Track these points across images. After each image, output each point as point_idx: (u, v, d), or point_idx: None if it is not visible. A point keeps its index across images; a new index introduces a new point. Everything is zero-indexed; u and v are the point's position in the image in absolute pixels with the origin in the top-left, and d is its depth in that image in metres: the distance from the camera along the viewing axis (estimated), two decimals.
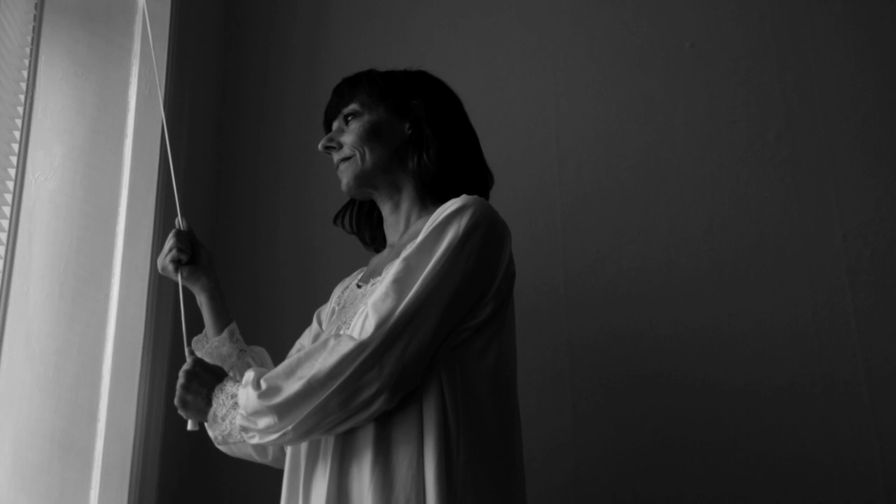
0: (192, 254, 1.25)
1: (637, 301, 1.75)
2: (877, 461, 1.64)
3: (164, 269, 1.25)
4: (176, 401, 1.09)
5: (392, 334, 0.99)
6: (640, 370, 1.71)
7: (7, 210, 1.38)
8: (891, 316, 1.73)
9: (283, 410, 0.99)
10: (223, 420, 1.04)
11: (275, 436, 1.01)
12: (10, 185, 1.39)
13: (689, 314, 1.74)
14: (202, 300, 1.26)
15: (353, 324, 1.08)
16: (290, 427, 0.99)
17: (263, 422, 1.00)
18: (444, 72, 1.29)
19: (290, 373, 1.00)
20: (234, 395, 1.04)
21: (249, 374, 1.03)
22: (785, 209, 1.79)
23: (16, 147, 1.41)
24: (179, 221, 1.26)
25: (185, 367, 1.10)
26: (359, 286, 1.21)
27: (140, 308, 1.35)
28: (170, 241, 1.24)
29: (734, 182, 1.82)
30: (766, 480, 1.64)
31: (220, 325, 1.26)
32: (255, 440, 1.03)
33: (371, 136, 1.19)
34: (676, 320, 1.73)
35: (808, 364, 1.70)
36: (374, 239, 1.32)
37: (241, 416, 1.02)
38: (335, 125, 1.25)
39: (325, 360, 0.99)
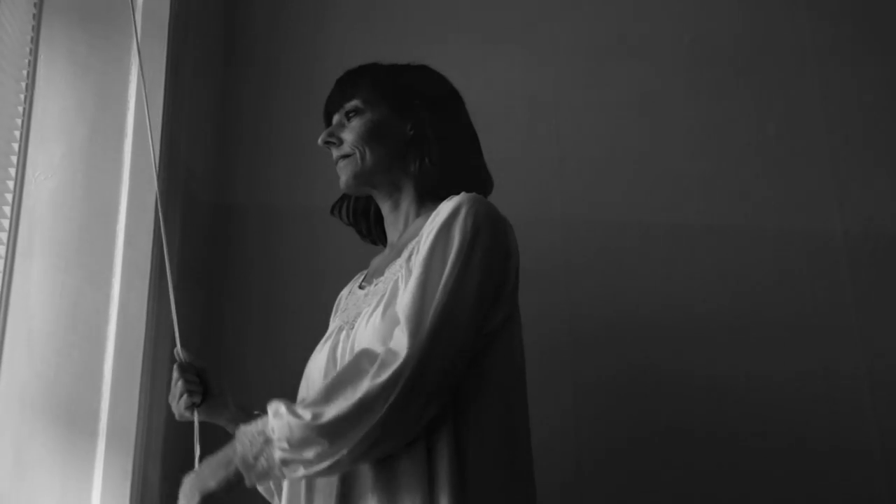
0: (202, 388, 1.18)
1: (638, 297, 1.74)
2: (878, 455, 1.64)
3: (181, 416, 1.18)
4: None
5: (428, 346, 0.96)
6: (642, 366, 1.71)
7: (7, 210, 1.37)
8: (892, 311, 1.73)
9: (334, 434, 0.93)
10: (256, 459, 0.96)
11: (326, 463, 0.94)
12: (11, 184, 1.38)
13: (690, 310, 1.73)
14: (231, 429, 1.19)
15: (357, 325, 1.08)
16: (345, 451, 0.93)
17: (313, 450, 0.93)
18: (443, 68, 1.28)
19: (328, 398, 0.95)
20: (261, 433, 0.97)
21: (278, 406, 0.97)
22: (786, 204, 1.79)
23: (16, 146, 1.41)
24: (179, 353, 1.18)
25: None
26: (361, 287, 1.21)
27: (141, 307, 1.35)
28: (178, 384, 1.17)
29: (735, 177, 1.82)
30: (768, 473, 1.64)
31: None
32: (300, 472, 0.96)
33: (372, 135, 1.17)
34: (677, 316, 1.73)
35: (809, 359, 1.70)
36: (370, 231, 1.32)
37: (280, 449, 0.95)
38: (336, 119, 1.23)
39: (373, 380, 0.94)
